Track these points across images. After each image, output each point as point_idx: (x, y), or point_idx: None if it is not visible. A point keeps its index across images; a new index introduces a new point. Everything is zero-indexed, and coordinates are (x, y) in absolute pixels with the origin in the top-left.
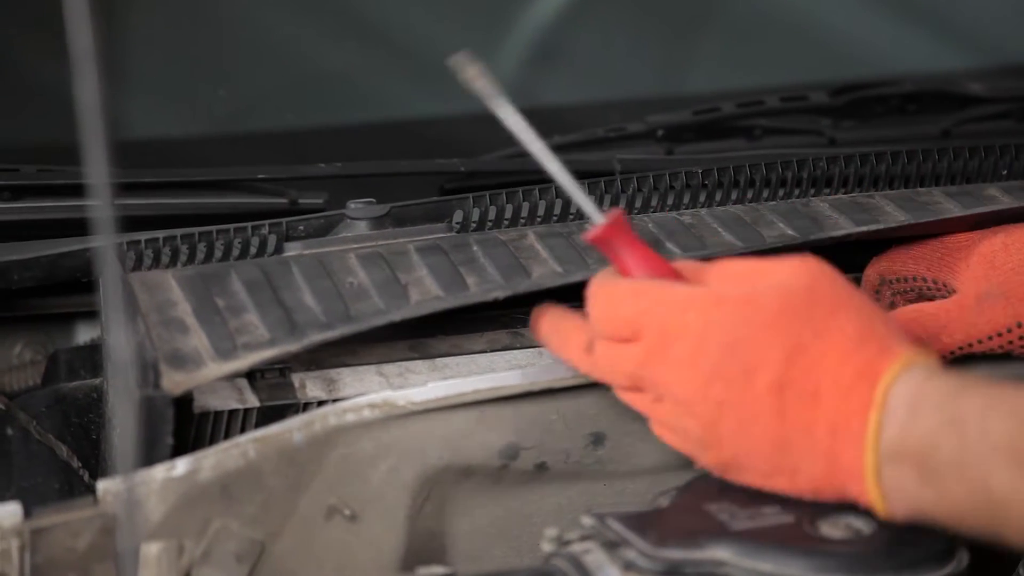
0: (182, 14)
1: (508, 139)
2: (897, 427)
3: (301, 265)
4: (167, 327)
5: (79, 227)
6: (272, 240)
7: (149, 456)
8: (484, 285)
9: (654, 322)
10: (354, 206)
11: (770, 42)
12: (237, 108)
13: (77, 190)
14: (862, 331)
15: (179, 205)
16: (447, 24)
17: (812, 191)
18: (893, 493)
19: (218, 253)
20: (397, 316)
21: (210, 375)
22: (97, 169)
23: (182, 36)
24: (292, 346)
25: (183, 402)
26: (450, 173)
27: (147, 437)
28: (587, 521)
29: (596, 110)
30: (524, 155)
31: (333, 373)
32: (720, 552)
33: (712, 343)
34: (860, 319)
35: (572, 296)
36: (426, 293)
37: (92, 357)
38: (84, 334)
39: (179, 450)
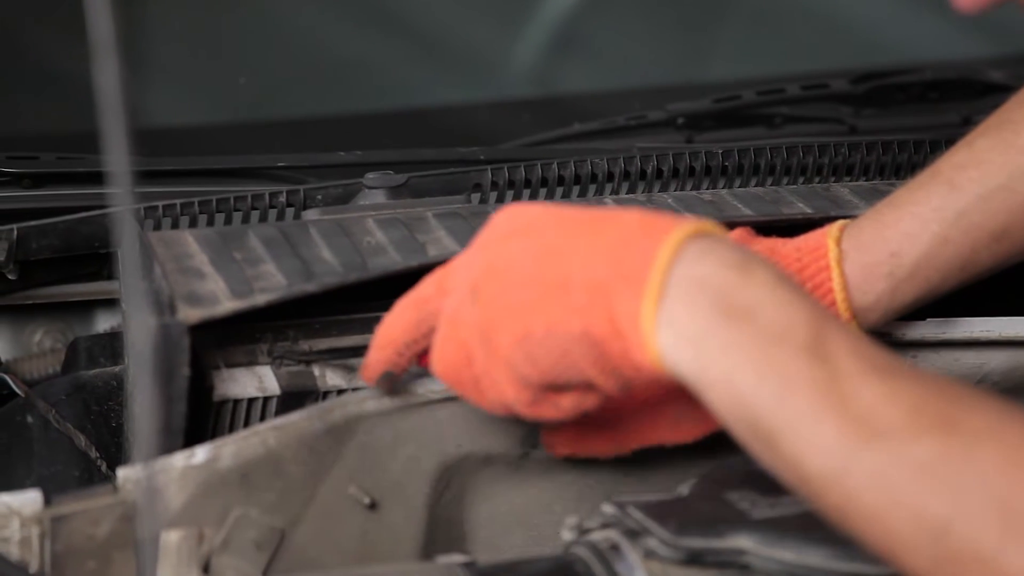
0: (202, 2)
1: (528, 127)
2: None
3: (319, 226)
4: (184, 274)
5: None
6: (290, 212)
7: (166, 390)
8: None
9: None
10: (372, 176)
11: (791, 30)
12: (257, 96)
13: (97, 178)
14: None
15: (198, 193)
16: (468, 12)
17: (833, 178)
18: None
19: (236, 220)
20: (415, 262)
21: (226, 310)
22: (117, 157)
23: (202, 24)
24: (308, 286)
25: (203, 390)
26: (470, 161)
27: (163, 369)
28: (608, 509)
29: (616, 98)
30: (544, 143)
31: (354, 362)
32: (741, 541)
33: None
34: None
35: None
36: (444, 249)
37: (112, 345)
38: (104, 322)
39: (199, 438)
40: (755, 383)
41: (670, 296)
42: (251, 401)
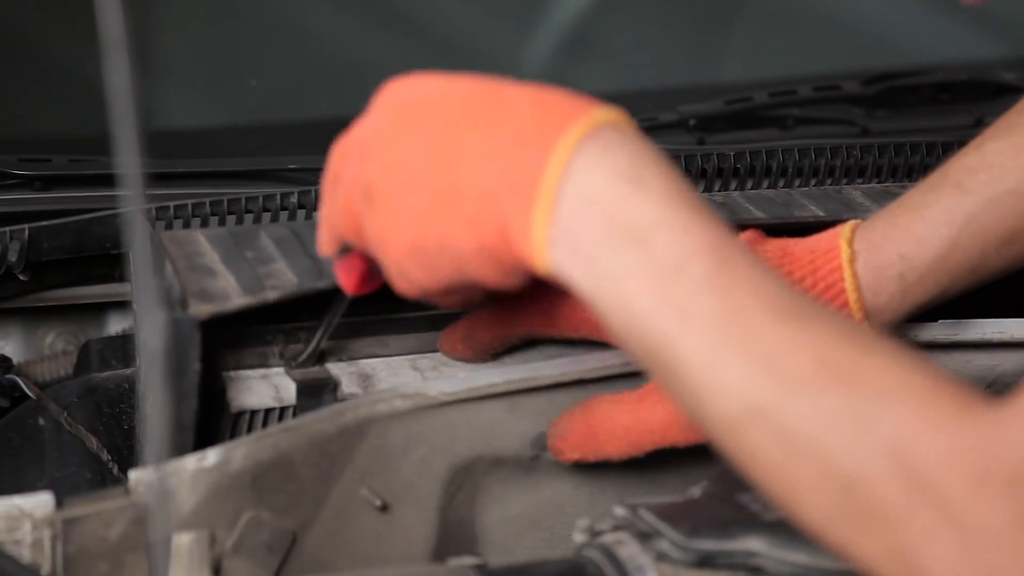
0: (214, 4)
1: None
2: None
3: None
4: (195, 271)
5: None
6: (301, 213)
7: (178, 386)
8: None
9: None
10: None
11: (802, 31)
12: (268, 98)
13: (109, 181)
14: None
15: (210, 195)
16: (479, 13)
17: (844, 180)
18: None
19: (247, 221)
20: None
21: (236, 306)
22: (128, 159)
23: (213, 26)
24: (320, 284)
25: (214, 389)
26: None
27: (174, 365)
28: (619, 512)
29: (628, 99)
30: None
31: (367, 367)
32: (752, 543)
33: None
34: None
35: None
36: None
37: (124, 347)
38: (115, 324)
39: (212, 444)
40: (650, 314)
41: (562, 209)
42: (268, 412)
